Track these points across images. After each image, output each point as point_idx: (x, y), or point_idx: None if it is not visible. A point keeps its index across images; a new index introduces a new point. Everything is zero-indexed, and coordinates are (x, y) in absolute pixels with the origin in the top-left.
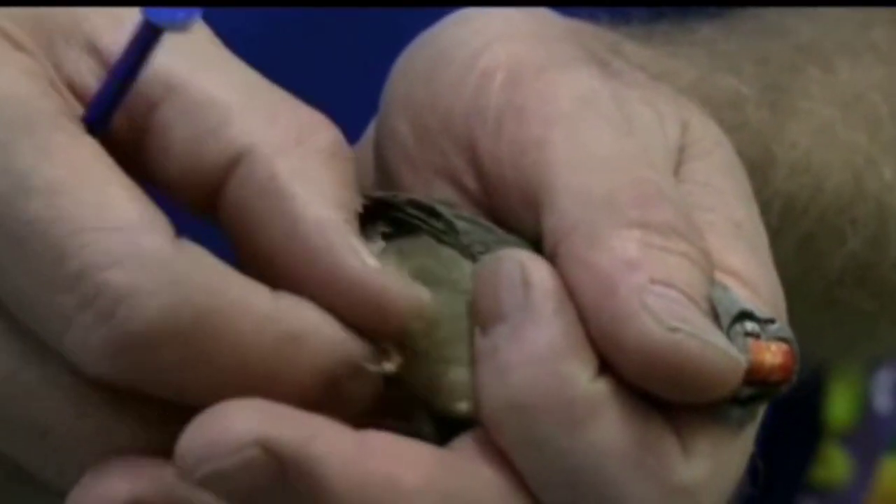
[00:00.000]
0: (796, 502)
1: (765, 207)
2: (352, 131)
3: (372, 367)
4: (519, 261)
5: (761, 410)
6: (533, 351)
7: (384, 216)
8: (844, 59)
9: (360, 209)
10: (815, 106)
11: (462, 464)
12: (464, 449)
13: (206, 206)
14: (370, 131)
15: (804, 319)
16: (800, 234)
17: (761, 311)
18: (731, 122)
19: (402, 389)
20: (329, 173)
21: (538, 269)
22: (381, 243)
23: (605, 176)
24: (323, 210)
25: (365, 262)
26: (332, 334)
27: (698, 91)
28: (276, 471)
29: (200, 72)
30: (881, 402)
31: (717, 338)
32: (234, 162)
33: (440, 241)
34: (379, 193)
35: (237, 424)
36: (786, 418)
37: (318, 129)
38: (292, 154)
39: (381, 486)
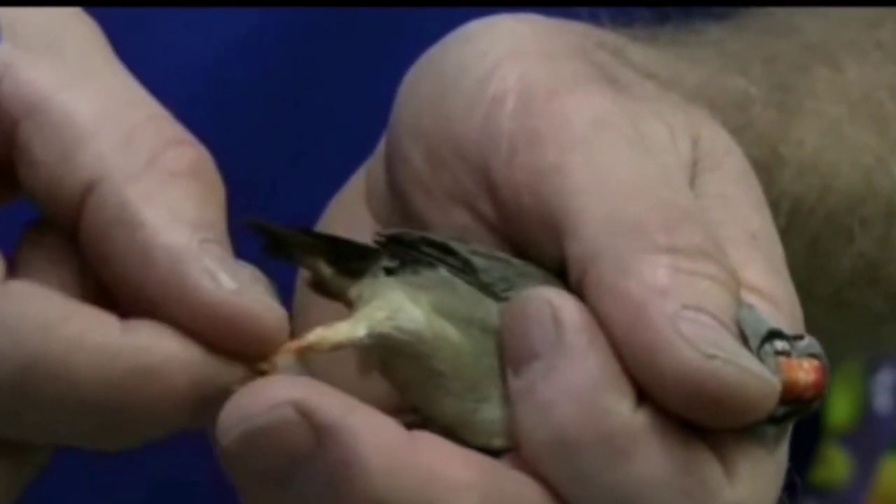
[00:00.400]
0: (796, 502)
1: (772, 208)
2: (359, 132)
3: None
4: (547, 299)
5: (791, 425)
6: (571, 387)
7: (394, 253)
8: (852, 58)
9: (222, 227)
10: (823, 105)
11: (512, 474)
12: (512, 464)
13: (74, 228)
14: (381, 149)
15: (814, 320)
16: (808, 235)
17: (789, 327)
18: (737, 122)
19: (429, 428)
20: (184, 194)
21: (567, 306)
22: (384, 278)
23: (629, 200)
24: (174, 236)
25: (221, 284)
26: (190, 361)
27: (704, 93)
28: (310, 436)
29: (64, 88)
30: (881, 402)
31: (752, 362)
32: (88, 189)
33: (457, 278)
34: (391, 231)
35: (274, 390)
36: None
37: (175, 149)
38: (143, 179)
39: (422, 477)
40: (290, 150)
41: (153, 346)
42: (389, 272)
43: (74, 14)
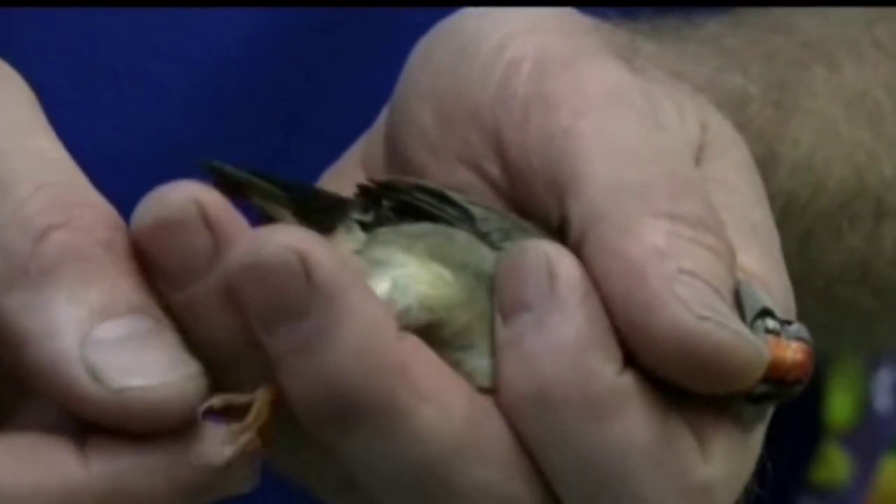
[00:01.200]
0: (796, 502)
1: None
2: (359, 133)
3: (221, 462)
4: (544, 252)
5: (770, 411)
6: (559, 342)
7: (391, 199)
8: (849, 56)
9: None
10: (820, 104)
11: (480, 407)
12: (488, 405)
13: None
14: (380, 122)
15: (806, 316)
16: (800, 231)
17: (781, 314)
18: (735, 121)
19: None
20: (65, 290)
21: (564, 261)
22: (383, 231)
23: (636, 166)
24: (54, 349)
25: (103, 383)
26: (153, 471)
27: (703, 92)
28: (304, 291)
29: None
30: (881, 402)
31: (744, 329)
32: None
33: (453, 226)
34: (384, 178)
35: (287, 235)
36: (786, 418)
37: (55, 233)
38: (18, 289)
39: (391, 369)
40: (290, 149)
41: (115, 469)
42: (365, 227)
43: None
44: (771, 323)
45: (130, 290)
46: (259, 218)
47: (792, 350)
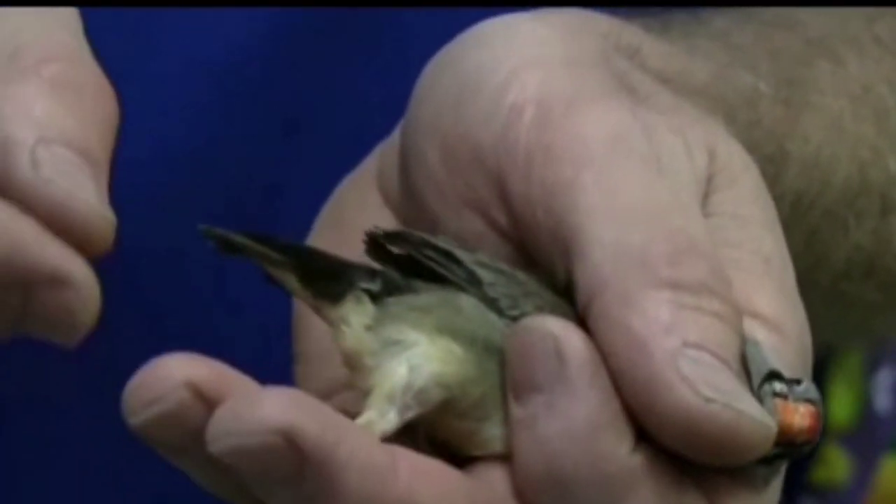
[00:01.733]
0: (796, 502)
1: (777, 203)
2: (361, 133)
3: None
4: (551, 332)
5: (784, 466)
6: (571, 425)
7: (373, 273)
8: (852, 52)
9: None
10: (826, 99)
11: (495, 502)
12: (499, 488)
13: None
14: (395, 136)
15: (814, 311)
16: (807, 228)
17: (789, 367)
18: (746, 119)
19: (419, 443)
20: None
21: (571, 339)
22: (393, 303)
23: (637, 227)
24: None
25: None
26: None
27: (715, 89)
28: (296, 462)
29: None
30: (881, 402)
31: (751, 405)
32: None
33: (460, 289)
34: (393, 230)
35: (265, 410)
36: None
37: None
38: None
39: (398, 501)
40: (291, 152)
41: None
42: (373, 296)
43: None
44: (778, 386)
45: None
46: (264, 276)
47: (800, 415)
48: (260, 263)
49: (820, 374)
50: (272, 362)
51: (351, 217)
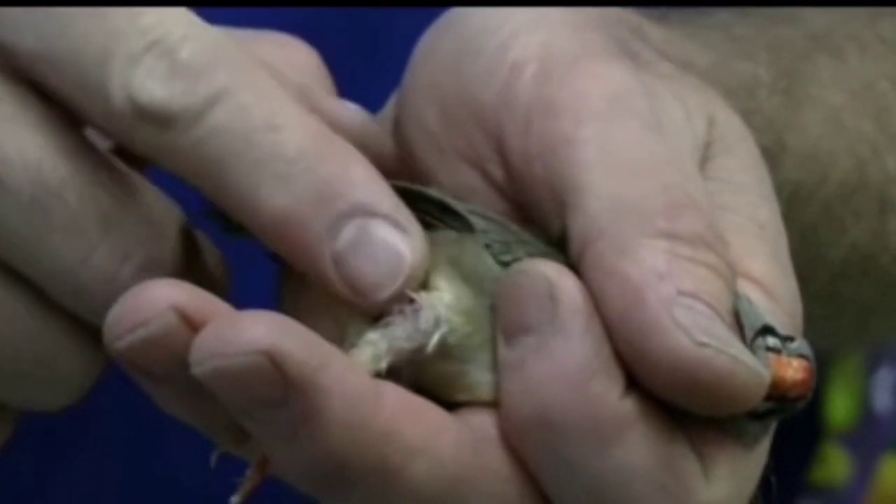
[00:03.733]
0: (796, 502)
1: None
2: None
3: None
4: (545, 274)
5: (774, 425)
6: (562, 368)
7: None
8: (854, 48)
9: None
10: (826, 93)
11: (480, 446)
12: (484, 431)
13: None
14: (389, 108)
15: (809, 310)
16: (804, 223)
17: (782, 326)
18: (744, 108)
19: (403, 385)
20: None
21: (566, 284)
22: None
23: (635, 181)
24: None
25: None
26: None
27: (714, 76)
28: (279, 386)
29: None
30: (881, 402)
31: (744, 353)
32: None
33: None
34: (392, 183)
35: (250, 332)
36: (786, 418)
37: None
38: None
39: (379, 435)
40: None
41: None
42: None
43: None
44: (772, 340)
45: None
46: (267, 255)
47: (793, 368)
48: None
49: (820, 374)
50: None
51: None
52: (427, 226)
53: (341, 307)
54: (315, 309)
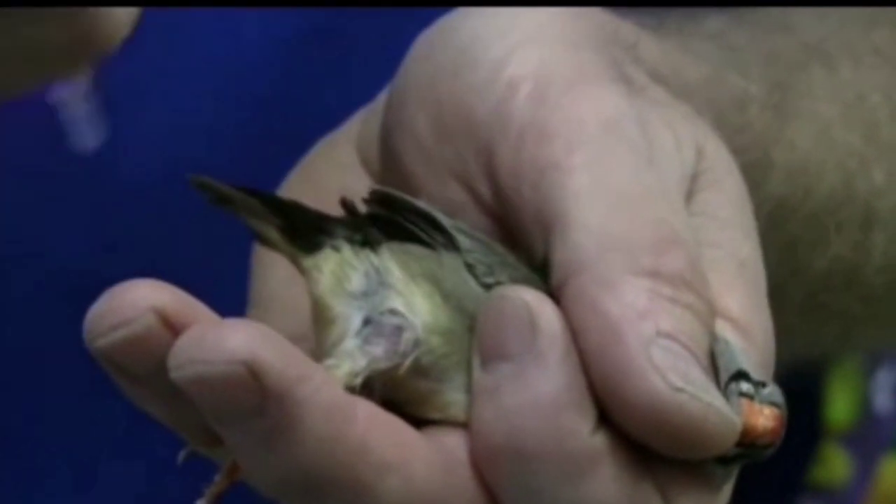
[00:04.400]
0: (796, 502)
1: (757, 208)
2: None
3: None
4: (527, 302)
5: (737, 470)
6: (536, 398)
7: (355, 226)
8: (848, 59)
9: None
10: (817, 106)
11: (451, 467)
12: (455, 452)
13: None
14: (380, 102)
15: (790, 321)
16: (787, 235)
17: (756, 368)
18: (735, 124)
19: (374, 401)
20: None
21: (546, 314)
22: (388, 248)
23: (623, 214)
24: None
25: None
26: None
27: (706, 91)
28: (257, 396)
29: None
30: (881, 402)
31: (717, 399)
32: None
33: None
34: (383, 189)
35: (230, 341)
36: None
37: None
38: None
39: (352, 450)
40: (294, 156)
41: None
42: (363, 244)
43: None
44: (745, 386)
45: None
46: (247, 232)
47: (764, 416)
48: (243, 215)
49: (820, 374)
50: None
51: (325, 175)
52: (410, 236)
53: (315, 289)
54: (288, 284)
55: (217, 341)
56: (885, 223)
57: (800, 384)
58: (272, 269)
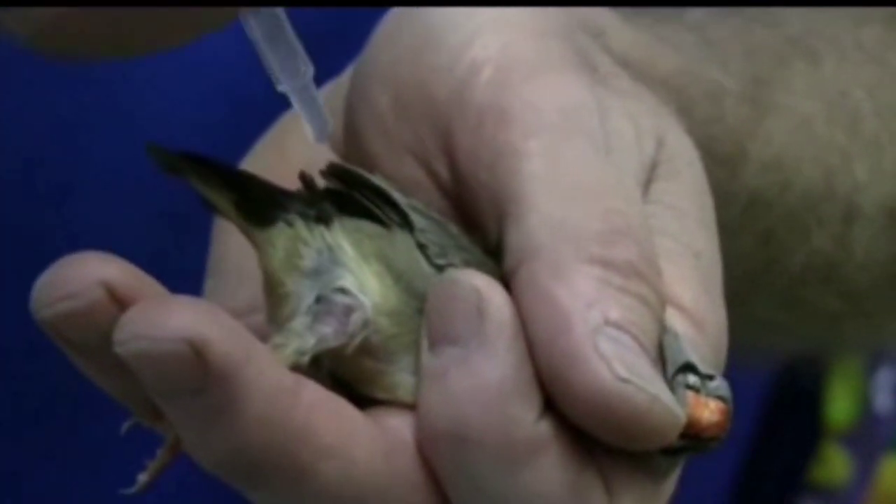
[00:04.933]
0: (796, 502)
1: (731, 200)
2: None
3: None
4: (477, 287)
5: (682, 461)
6: (482, 384)
7: (310, 201)
8: (832, 54)
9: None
10: (797, 101)
11: (393, 451)
12: (399, 434)
13: None
14: (342, 83)
15: (768, 316)
16: (763, 228)
17: (705, 360)
18: (707, 115)
19: (322, 378)
20: None
21: (495, 299)
22: (341, 225)
23: (577, 202)
24: None
25: None
26: None
27: (676, 81)
28: (200, 375)
29: None
30: (881, 402)
31: (663, 392)
32: None
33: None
34: (333, 163)
35: (175, 319)
36: (786, 418)
37: None
38: None
39: (293, 434)
40: None
41: None
42: (317, 220)
43: None
44: (692, 378)
45: None
46: (201, 201)
47: (710, 410)
48: (197, 186)
49: (820, 374)
50: None
51: (291, 147)
52: (365, 212)
53: (267, 264)
54: (246, 254)
55: (162, 318)
56: (867, 219)
57: (800, 384)
58: (231, 238)
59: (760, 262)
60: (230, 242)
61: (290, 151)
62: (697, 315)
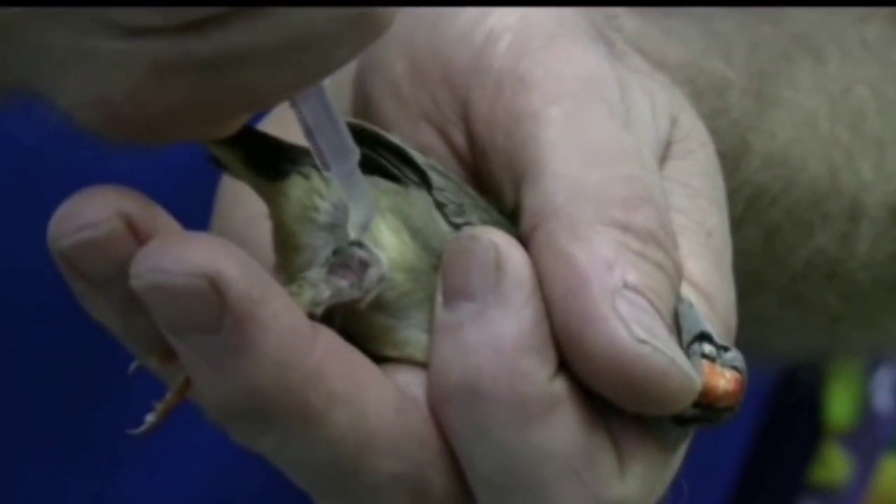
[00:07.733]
0: (796, 502)
1: (732, 195)
2: None
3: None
4: (495, 243)
5: (694, 432)
6: (498, 339)
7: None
8: (836, 52)
9: None
10: (802, 97)
11: (403, 405)
12: (409, 390)
13: None
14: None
15: (768, 312)
16: (767, 224)
17: (718, 335)
18: (712, 107)
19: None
20: None
21: (514, 256)
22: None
23: (596, 167)
24: None
25: None
26: None
27: (684, 73)
28: (216, 311)
29: None
30: (881, 402)
31: (679, 356)
32: None
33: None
34: (353, 121)
35: (194, 254)
36: (786, 418)
37: None
38: None
39: (305, 378)
40: None
41: None
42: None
43: None
44: (707, 348)
45: None
46: (211, 160)
47: (725, 379)
48: (206, 143)
49: (820, 374)
50: None
51: (294, 125)
52: (382, 171)
53: (280, 215)
54: (251, 224)
55: (181, 252)
56: (872, 218)
57: (800, 384)
58: (236, 208)
59: (764, 259)
60: (235, 212)
61: (294, 130)
62: (709, 291)
